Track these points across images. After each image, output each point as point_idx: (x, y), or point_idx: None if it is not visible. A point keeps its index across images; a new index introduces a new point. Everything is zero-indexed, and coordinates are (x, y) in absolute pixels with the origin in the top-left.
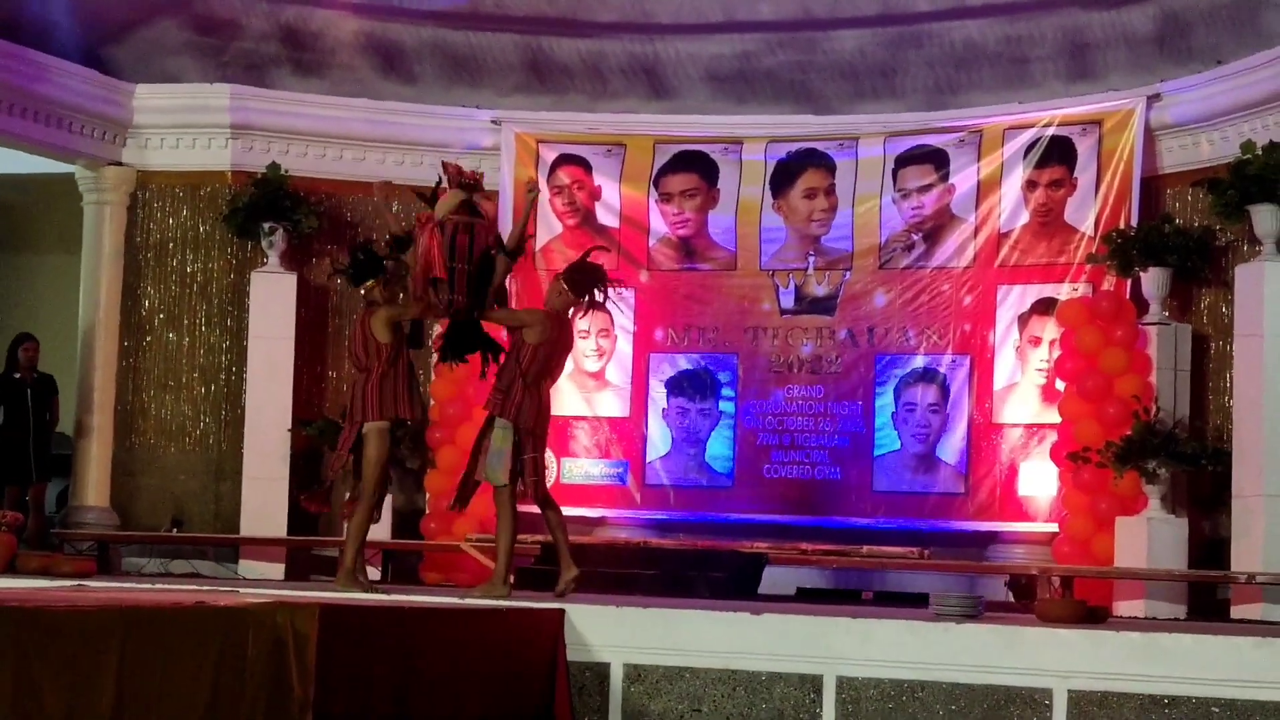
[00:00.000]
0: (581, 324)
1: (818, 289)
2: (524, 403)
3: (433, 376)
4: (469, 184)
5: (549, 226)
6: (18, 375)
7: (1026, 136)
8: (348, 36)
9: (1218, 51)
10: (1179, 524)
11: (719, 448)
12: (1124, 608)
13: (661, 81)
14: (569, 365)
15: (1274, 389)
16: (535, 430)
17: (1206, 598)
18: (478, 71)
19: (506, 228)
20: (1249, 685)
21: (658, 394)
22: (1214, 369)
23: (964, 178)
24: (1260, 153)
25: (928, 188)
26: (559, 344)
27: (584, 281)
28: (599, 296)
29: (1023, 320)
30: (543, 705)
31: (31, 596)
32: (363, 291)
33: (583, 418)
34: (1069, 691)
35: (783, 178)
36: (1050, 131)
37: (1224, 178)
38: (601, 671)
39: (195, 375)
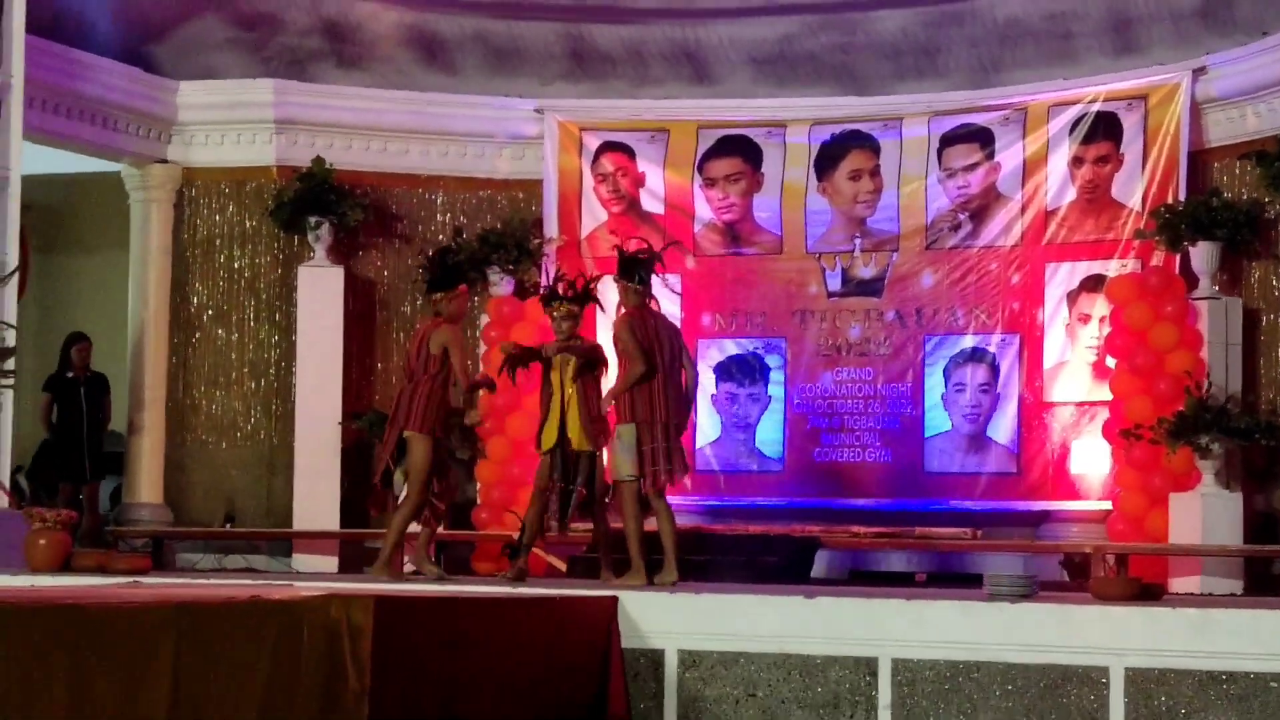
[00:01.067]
0: None
1: (864, 271)
2: (637, 401)
3: (480, 365)
4: (580, 296)
5: (594, 214)
6: (71, 375)
7: (1072, 113)
8: (389, 29)
9: (1262, 23)
10: (1233, 499)
11: (769, 432)
12: (1179, 584)
13: (703, 66)
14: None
15: None
16: (655, 423)
17: (1263, 572)
18: (519, 61)
19: (552, 216)
20: None
21: (707, 379)
22: (1265, 342)
23: (1009, 155)
24: None
25: (973, 166)
26: (652, 342)
27: (640, 269)
28: (659, 275)
29: (1072, 298)
30: (598, 692)
31: (86, 594)
32: (433, 299)
33: None
34: (1126, 669)
35: (827, 160)
36: (1095, 107)
37: (1271, 150)
38: (656, 658)
39: (245, 370)
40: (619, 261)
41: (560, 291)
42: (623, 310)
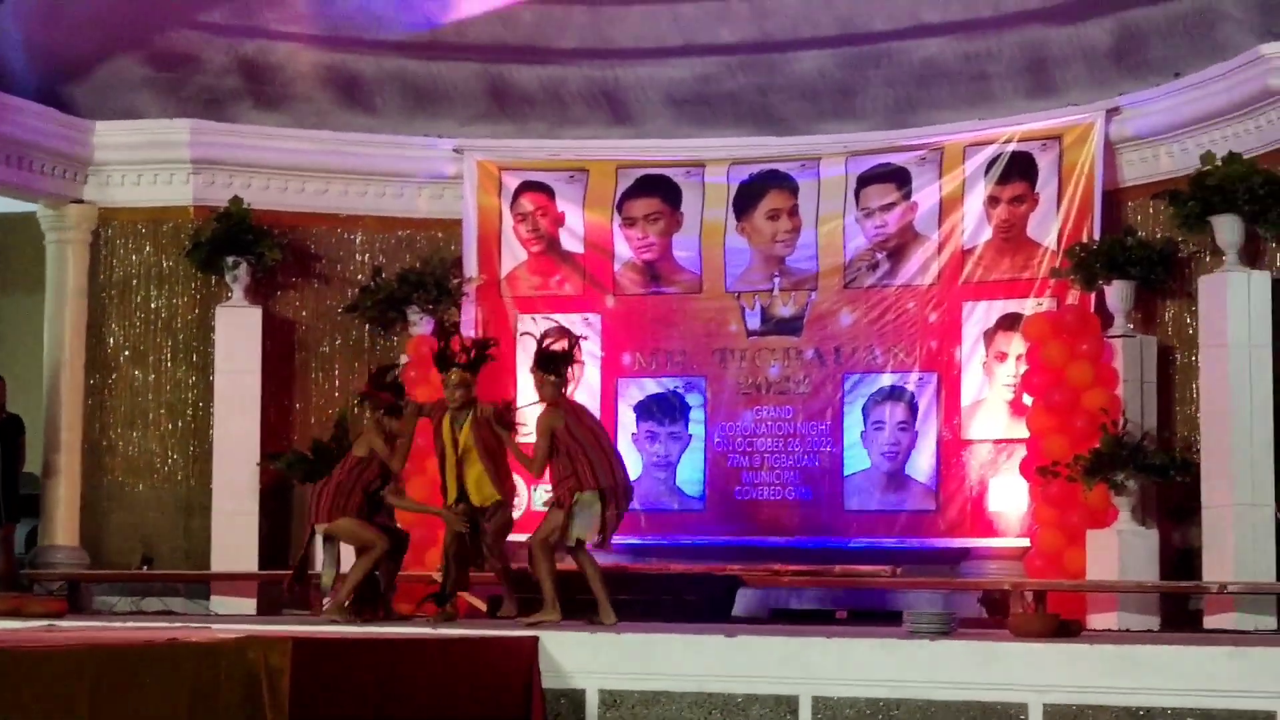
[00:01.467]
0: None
1: (784, 310)
2: (595, 467)
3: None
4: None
5: (514, 253)
6: None
7: (987, 153)
8: (307, 68)
9: (1175, 64)
10: (1150, 535)
11: (689, 471)
12: (1097, 620)
13: (622, 106)
14: (534, 394)
15: (1240, 398)
16: (616, 489)
17: (1179, 608)
18: (439, 101)
19: (471, 255)
20: (1224, 695)
21: (627, 419)
22: (1180, 380)
23: (926, 195)
24: (1220, 163)
25: (890, 206)
26: (581, 414)
27: (556, 363)
28: (578, 365)
29: (988, 336)
30: None
31: (1, 638)
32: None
33: None
34: (1045, 705)
35: (746, 199)
36: (1011, 147)
37: (1184, 190)
38: (577, 698)
39: (162, 411)
40: (536, 355)
41: (453, 353)
42: (545, 401)
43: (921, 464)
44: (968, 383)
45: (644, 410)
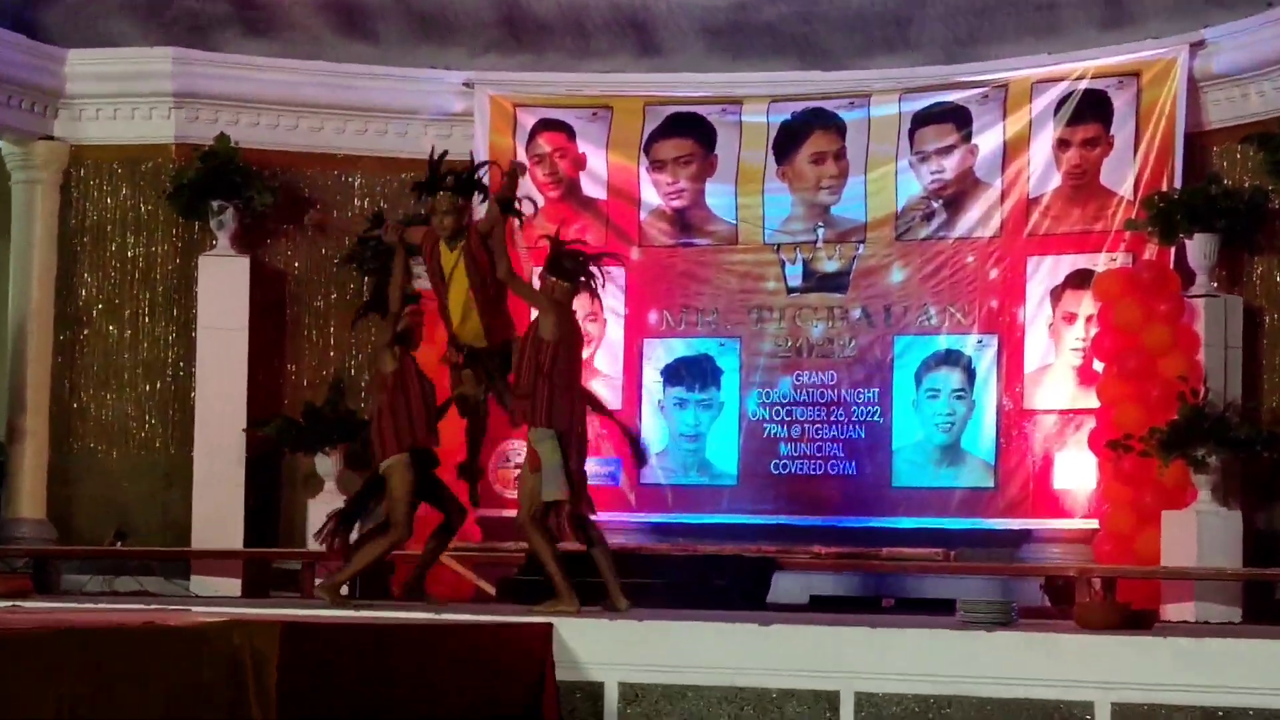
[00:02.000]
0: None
1: (828, 264)
2: (557, 405)
3: None
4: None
5: (529, 199)
6: None
7: (1057, 91)
8: None
9: None
10: (1231, 517)
11: (721, 442)
12: (1172, 611)
13: (651, 37)
14: None
15: None
16: (573, 436)
17: (1264, 598)
18: (447, 29)
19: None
20: None
21: (652, 383)
22: (1269, 345)
23: (988, 138)
24: None
25: (948, 149)
26: (575, 341)
27: (571, 266)
28: (595, 277)
29: (1055, 295)
30: None
31: None
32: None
33: None
34: (1113, 704)
35: (787, 141)
36: (1083, 85)
37: (1276, 132)
38: (594, 692)
39: (139, 371)
40: (552, 255)
41: (440, 177)
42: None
43: (979, 436)
44: (1032, 346)
45: (672, 374)
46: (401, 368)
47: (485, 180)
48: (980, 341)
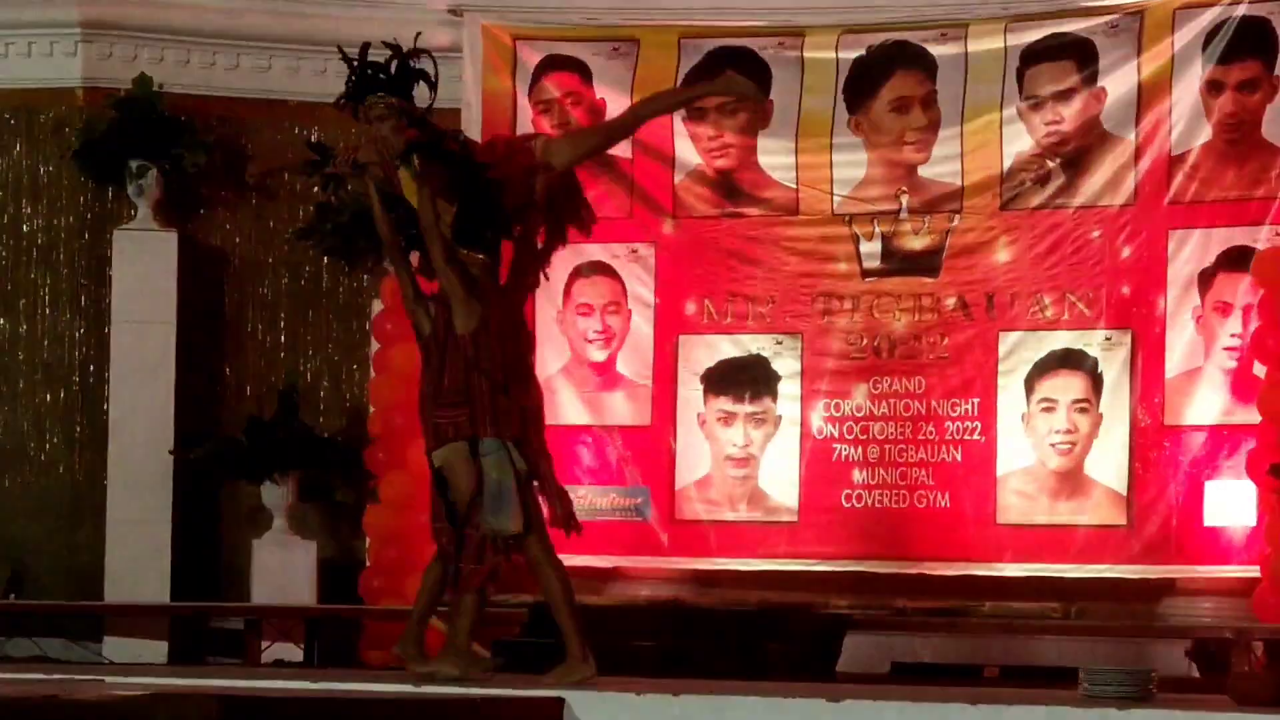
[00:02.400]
0: (583, 296)
1: (914, 240)
2: (498, 407)
3: (370, 372)
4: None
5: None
6: None
7: (1206, 18)
8: None
9: None
10: None
11: (779, 467)
12: None
13: None
14: (564, 354)
15: None
16: (527, 439)
17: None
18: None
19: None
20: None
21: (691, 392)
22: None
23: (1119, 79)
24: None
25: (1068, 94)
26: (507, 321)
27: (482, 218)
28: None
29: (1205, 279)
30: None
31: None
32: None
33: (585, 428)
34: None
35: (863, 83)
36: (1240, 10)
37: None
38: None
39: (38, 377)
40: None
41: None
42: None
43: (1108, 460)
44: (1175, 345)
45: (715, 381)
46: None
47: (424, 68)
48: (1109, 339)
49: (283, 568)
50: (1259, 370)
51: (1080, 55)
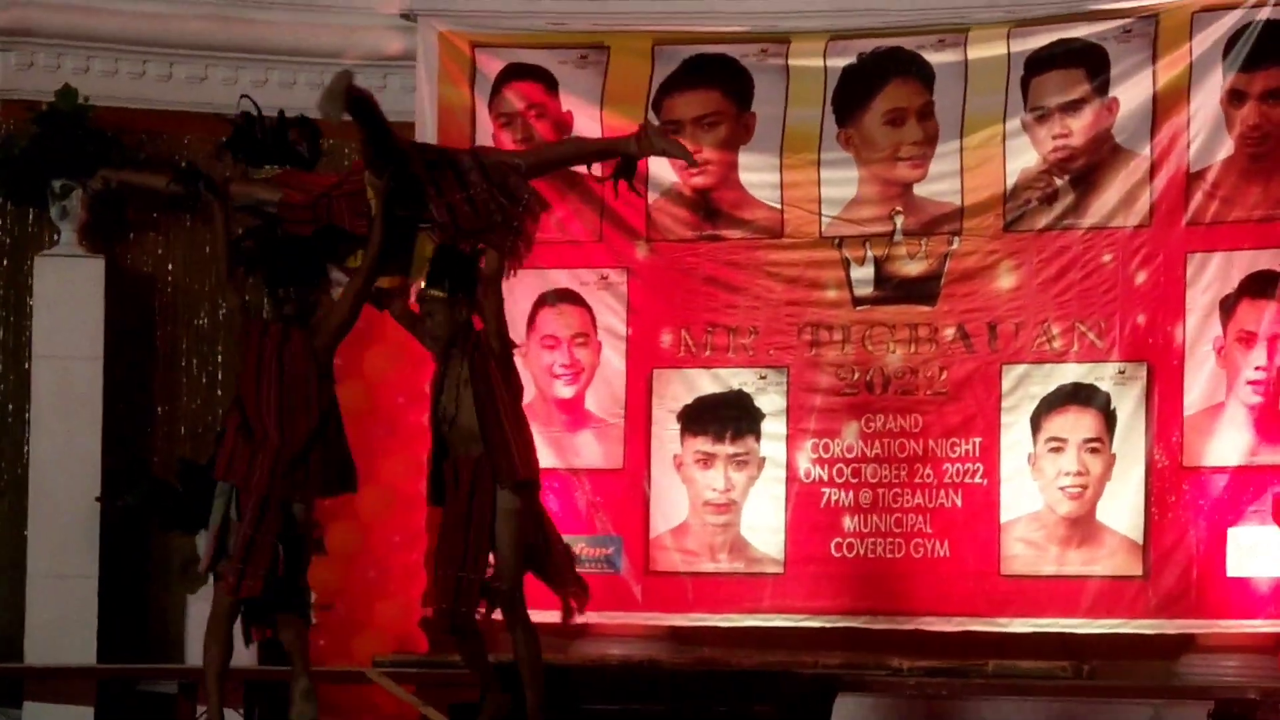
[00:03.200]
0: (549, 327)
1: (910, 264)
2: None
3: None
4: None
5: None
6: None
7: (1228, 22)
8: None
9: None
10: None
11: (763, 513)
12: None
13: None
14: (528, 390)
15: None
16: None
17: None
18: None
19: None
20: None
21: (667, 431)
22: None
23: (1132, 89)
24: None
25: (1077, 105)
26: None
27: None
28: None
29: (1227, 307)
30: None
31: None
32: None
33: (550, 471)
34: None
35: (853, 94)
36: (1263, 13)
37: None
38: None
39: None
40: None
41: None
42: None
43: (1122, 505)
44: (1194, 379)
45: (693, 419)
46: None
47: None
48: (1122, 372)
49: None
50: None
51: (1090, 63)
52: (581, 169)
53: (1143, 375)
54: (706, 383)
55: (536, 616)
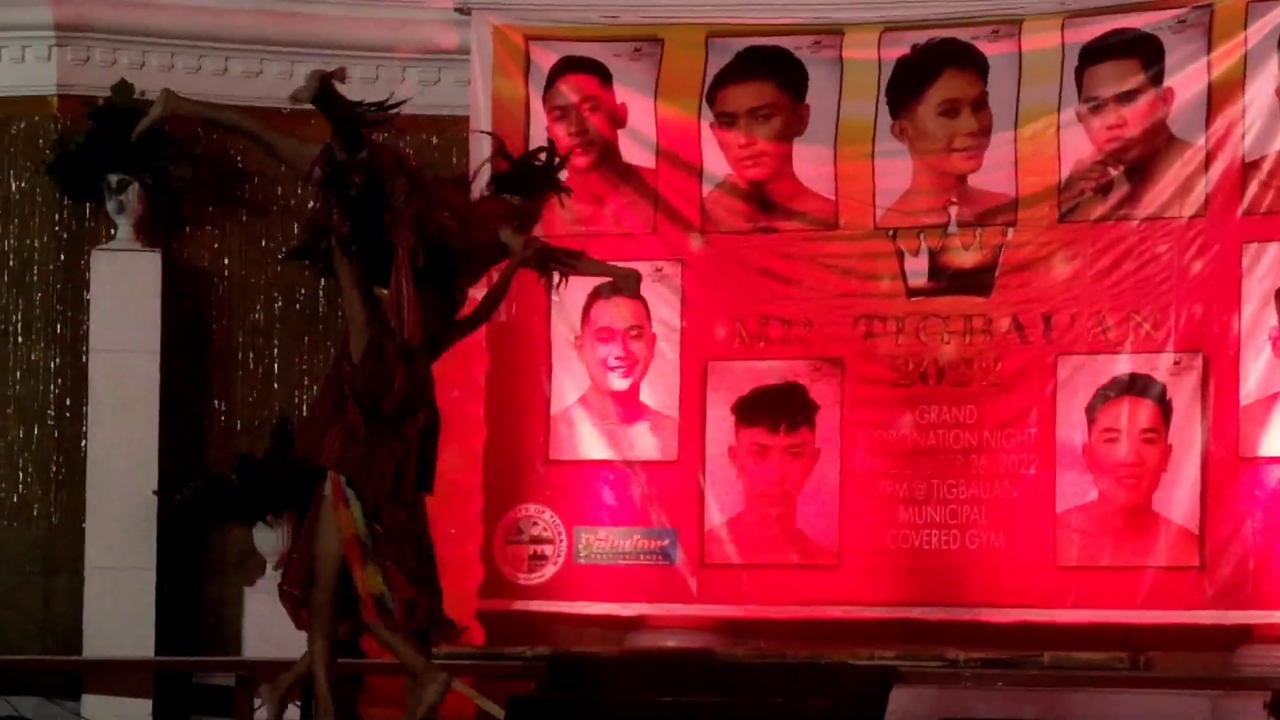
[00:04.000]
0: (604, 320)
1: (964, 255)
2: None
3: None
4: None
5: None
6: None
7: None
8: None
9: None
10: None
11: (818, 504)
12: None
13: None
14: (582, 382)
15: None
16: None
17: None
18: None
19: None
20: None
21: (721, 423)
22: None
23: (1188, 79)
24: None
25: (1132, 95)
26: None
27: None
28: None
29: None
30: None
31: None
32: None
33: (606, 463)
34: None
35: (907, 85)
36: None
37: None
38: None
39: (9, 412)
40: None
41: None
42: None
43: (1178, 495)
44: (1250, 369)
45: (748, 411)
46: None
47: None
48: (1178, 363)
49: (277, 618)
50: None
51: (1145, 53)
52: None
53: (1198, 365)
54: (761, 374)
55: (588, 609)
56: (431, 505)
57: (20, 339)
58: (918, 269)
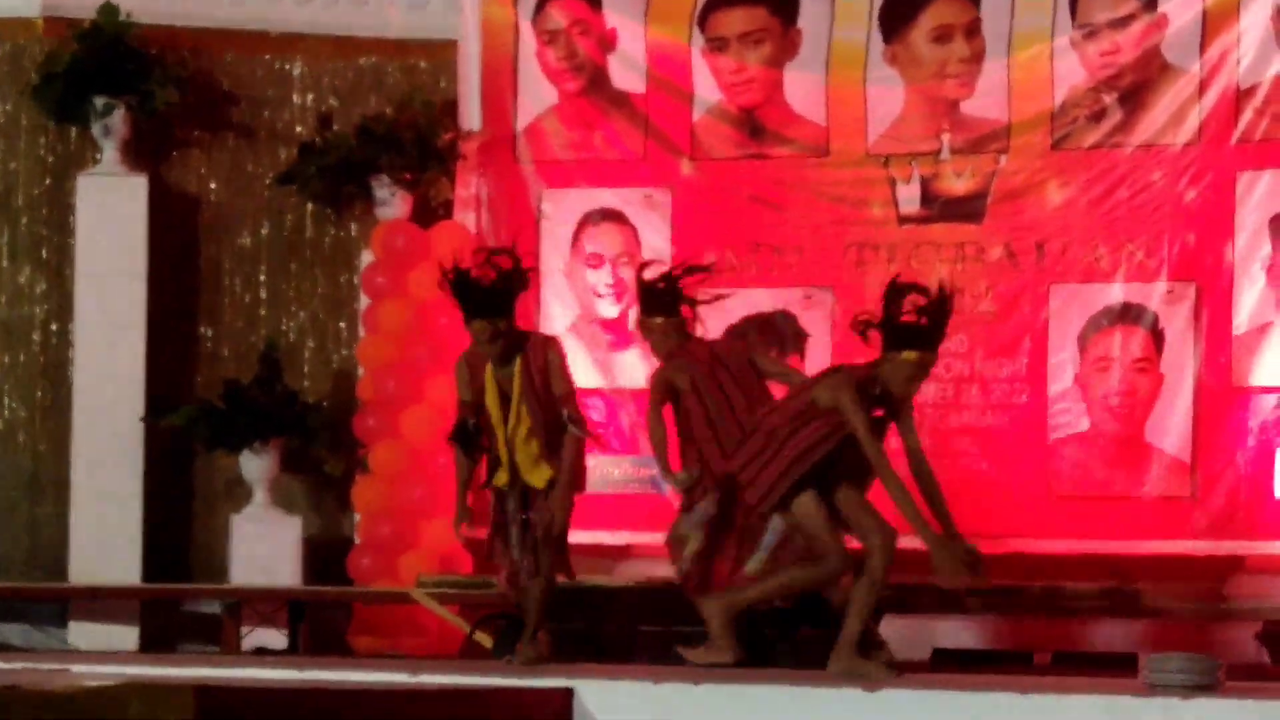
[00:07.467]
0: (593, 246)
1: (956, 183)
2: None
3: (359, 330)
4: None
5: (537, 94)
6: None
7: None
8: None
9: None
10: None
11: None
12: None
13: None
14: (572, 309)
15: None
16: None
17: None
18: None
19: (472, 96)
20: None
21: None
22: None
23: (1182, 5)
24: None
25: (1125, 21)
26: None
27: (667, 299)
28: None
29: (1277, 225)
30: None
31: None
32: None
33: (595, 391)
34: None
35: (900, 10)
36: None
37: None
38: None
39: None
40: (640, 294)
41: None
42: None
43: (1170, 425)
44: (1244, 298)
45: (738, 338)
46: None
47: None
48: (1171, 292)
49: (264, 545)
50: None
51: None
52: None
53: (1191, 294)
54: (752, 302)
55: (576, 537)
56: (424, 433)
57: (6, 263)
58: (910, 196)
